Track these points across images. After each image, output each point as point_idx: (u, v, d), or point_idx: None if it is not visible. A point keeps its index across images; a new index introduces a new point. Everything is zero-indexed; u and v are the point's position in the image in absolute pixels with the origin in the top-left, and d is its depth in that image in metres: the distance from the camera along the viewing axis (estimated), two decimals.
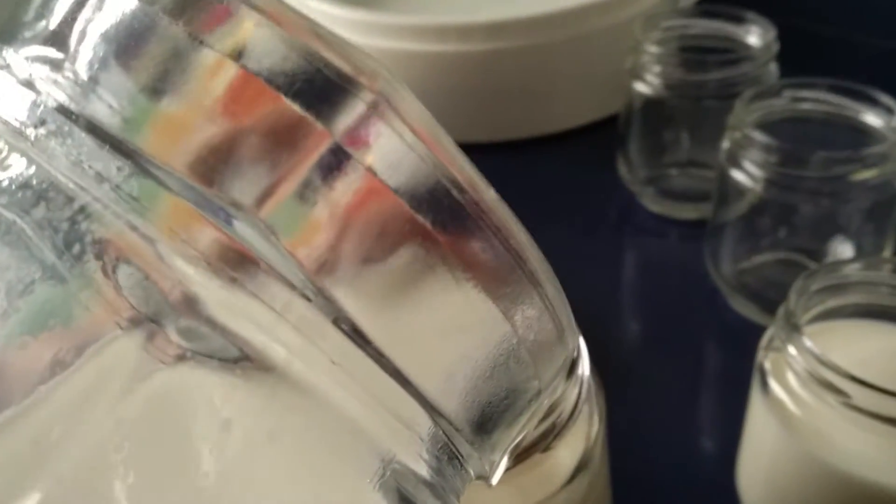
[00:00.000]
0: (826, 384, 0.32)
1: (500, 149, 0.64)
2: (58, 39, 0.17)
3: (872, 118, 0.46)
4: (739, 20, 0.55)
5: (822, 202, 0.45)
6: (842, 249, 0.47)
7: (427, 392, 0.18)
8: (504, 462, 0.22)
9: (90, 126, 0.17)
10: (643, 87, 0.55)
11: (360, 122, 0.17)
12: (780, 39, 0.54)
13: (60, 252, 0.17)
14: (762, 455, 0.36)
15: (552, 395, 0.22)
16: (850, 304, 0.37)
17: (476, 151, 0.19)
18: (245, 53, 0.17)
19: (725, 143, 0.47)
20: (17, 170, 0.17)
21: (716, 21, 0.56)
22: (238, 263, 0.16)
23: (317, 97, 0.17)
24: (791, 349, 0.34)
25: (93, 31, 0.17)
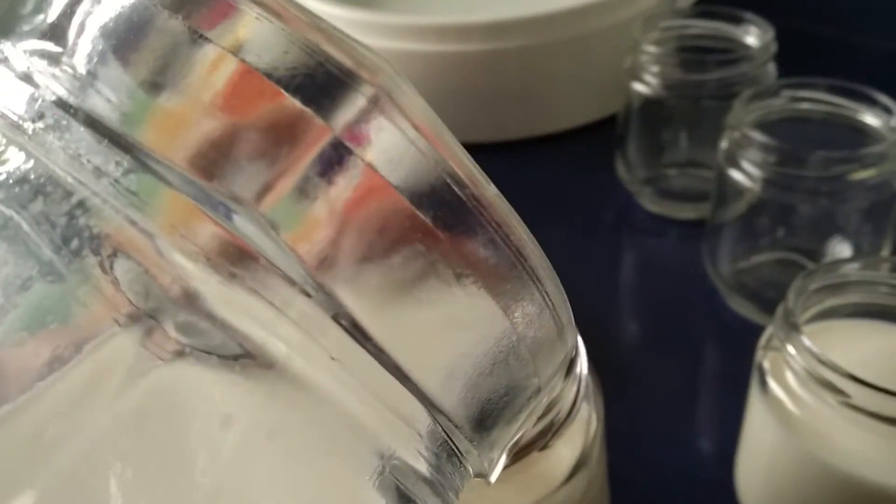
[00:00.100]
0: (825, 383, 0.32)
1: (499, 149, 0.64)
2: (56, 33, 0.17)
3: (871, 118, 0.46)
4: (738, 20, 0.56)
5: (821, 202, 0.45)
6: (840, 249, 0.47)
7: (426, 389, 0.18)
8: (503, 460, 0.22)
9: (89, 120, 0.17)
10: (642, 88, 0.55)
11: (361, 117, 0.17)
12: (779, 40, 0.54)
13: (58, 248, 0.17)
14: (761, 454, 0.36)
15: (551, 393, 0.22)
16: (849, 304, 0.37)
17: (475, 151, 0.19)
18: (245, 47, 0.16)
19: (724, 143, 0.47)
20: (15, 164, 0.17)
21: (714, 21, 0.56)
22: (238, 258, 0.16)
23: (317, 91, 0.17)
24: (790, 348, 0.34)
25: (91, 25, 0.17)
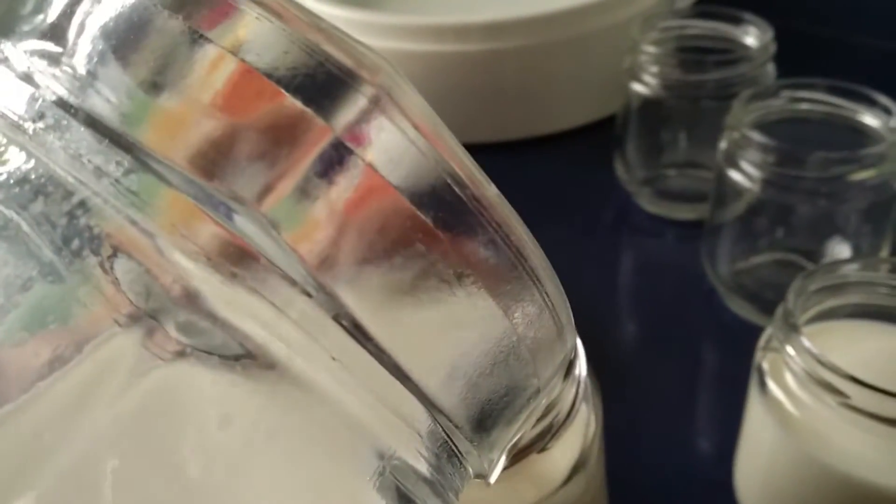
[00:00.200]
0: (824, 384, 0.32)
1: (498, 149, 0.64)
2: (56, 33, 0.17)
3: (870, 119, 0.46)
4: (737, 21, 0.56)
5: (820, 202, 0.45)
6: (839, 250, 0.47)
7: (427, 389, 0.18)
8: (502, 461, 0.22)
9: (89, 120, 0.16)
10: (641, 88, 0.55)
11: (362, 117, 0.17)
12: (778, 40, 0.54)
13: (58, 248, 0.16)
14: (760, 455, 0.36)
15: (550, 394, 0.22)
16: (849, 305, 0.37)
17: (473, 152, 0.18)
18: (245, 47, 0.16)
19: (723, 144, 0.47)
20: (16, 164, 0.17)
21: (713, 22, 0.56)
22: (239, 258, 0.16)
23: (318, 91, 0.17)
24: (789, 349, 0.34)
25: (91, 25, 0.17)
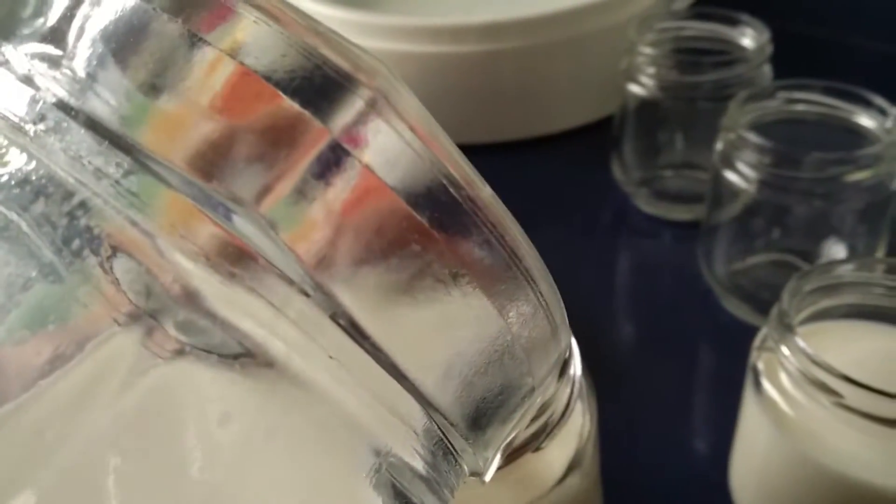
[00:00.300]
0: (819, 384, 0.33)
1: (495, 150, 0.64)
2: (56, 36, 0.17)
3: (866, 120, 0.46)
4: (733, 22, 0.56)
5: (816, 203, 0.45)
6: (835, 251, 0.47)
7: (423, 387, 0.18)
8: (497, 459, 0.22)
9: (89, 122, 0.17)
10: (637, 89, 0.55)
11: (359, 119, 0.17)
12: (774, 42, 0.54)
13: (59, 249, 0.17)
14: (755, 455, 0.36)
15: (545, 393, 0.22)
16: (844, 305, 0.37)
17: (470, 152, 0.19)
18: (244, 50, 0.17)
19: (719, 145, 0.47)
20: (17, 165, 0.17)
21: (710, 23, 0.57)
22: (237, 258, 0.16)
23: (315, 94, 0.17)
24: (784, 349, 0.34)
25: (91, 29, 0.17)
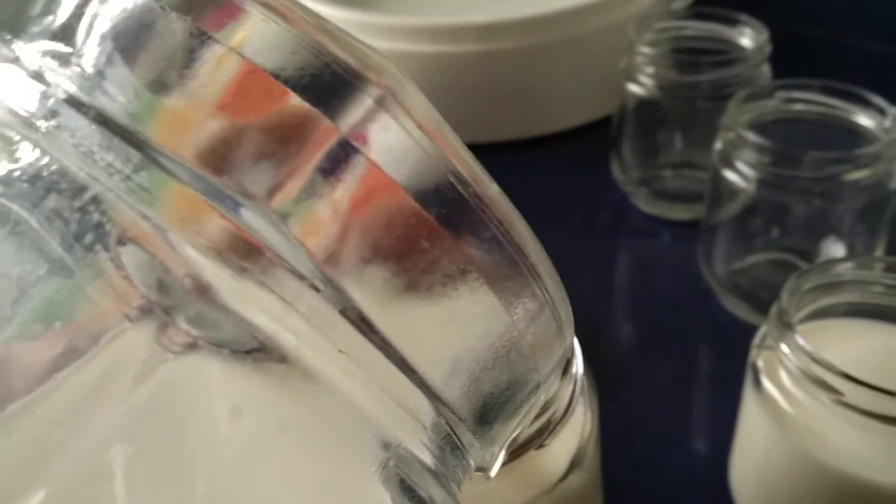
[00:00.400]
0: (819, 382, 0.33)
1: (494, 150, 0.64)
2: (66, 34, 0.17)
3: (864, 119, 0.46)
4: (732, 22, 0.56)
5: (815, 202, 0.45)
6: (834, 250, 0.47)
7: (432, 381, 0.18)
8: (502, 455, 0.22)
9: (100, 118, 0.17)
10: (637, 89, 0.55)
11: (368, 117, 0.17)
12: (773, 41, 0.55)
13: (69, 245, 0.17)
14: (755, 453, 0.37)
15: (549, 391, 0.22)
16: (843, 303, 0.37)
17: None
18: (253, 48, 0.17)
19: (718, 144, 0.48)
20: (28, 161, 0.17)
21: (709, 23, 0.57)
22: (248, 253, 0.17)
23: (324, 92, 0.17)
24: (784, 347, 0.34)
25: (100, 26, 0.17)
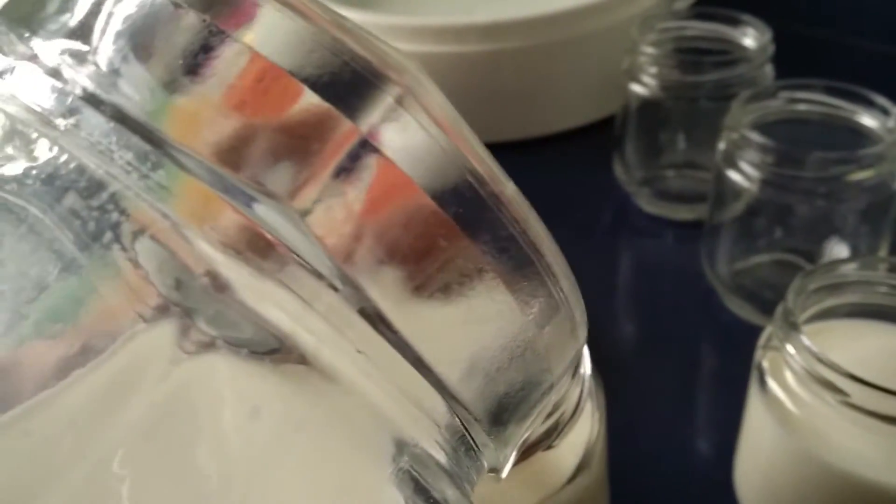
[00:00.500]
0: (824, 383, 0.33)
1: (497, 150, 0.63)
2: (83, 32, 0.17)
3: (868, 119, 0.46)
4: (735, 22, 0.56)
5: (818, 203, 0.45)
6: (838, 250, 0.47)
7: (448, 381, 0.18)
8: (514, 456, 0.22)
9: (118, 116, 0.17)
10: (639, 89, 0.55)
11: (387, 116, 0.17)
12: (776, 42, 0.55)
13: (86, 244, 0.17)
14: (760, 453, 0.37)
15: (560, 391, 0.22)
16: (848, 304, 0.37)
17: None
18: (270, 46, 0.17)
19: (722, 144, 0.48)
20: (45, 159, 0.17)
21: (712, 23, 0.57)
22: (267, 252, 0.16)
23: (345, 91, 0.17)
24: (789, 348, 0.34)
25: (117, 24, 0.17)
